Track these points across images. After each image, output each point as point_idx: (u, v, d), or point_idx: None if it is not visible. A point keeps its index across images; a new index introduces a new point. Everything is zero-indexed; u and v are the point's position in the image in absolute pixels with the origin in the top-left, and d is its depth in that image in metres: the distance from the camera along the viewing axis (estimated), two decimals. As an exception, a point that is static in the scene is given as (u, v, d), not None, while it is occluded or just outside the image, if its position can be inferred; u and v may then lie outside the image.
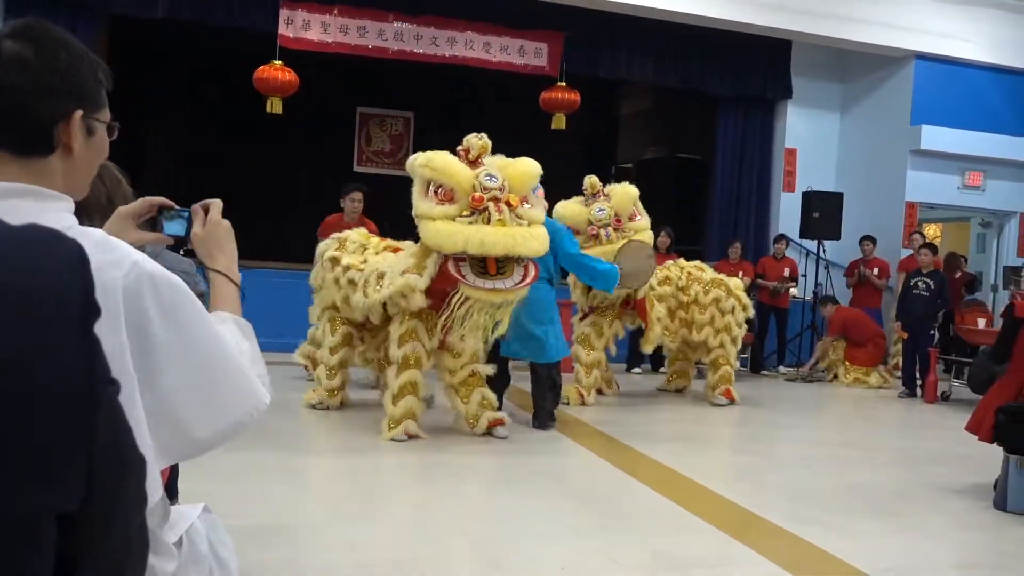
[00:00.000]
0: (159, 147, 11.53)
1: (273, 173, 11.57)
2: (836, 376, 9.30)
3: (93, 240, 1.13)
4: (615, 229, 6.46)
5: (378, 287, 5.07)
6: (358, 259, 5.58)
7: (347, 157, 12.61)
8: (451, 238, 4.59)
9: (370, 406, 5.90)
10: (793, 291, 9.91)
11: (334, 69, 10.19)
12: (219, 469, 3.71)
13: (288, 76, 8.88)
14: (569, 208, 6.59)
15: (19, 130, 1.14)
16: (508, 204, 4.69)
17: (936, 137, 10.38)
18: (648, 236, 6.70)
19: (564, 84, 9.92)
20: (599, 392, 7.09)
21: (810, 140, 11.33)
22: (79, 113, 1.17)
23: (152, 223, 1.54)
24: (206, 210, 1.53)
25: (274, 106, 9.04)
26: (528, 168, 4.97)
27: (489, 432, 5.27)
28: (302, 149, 11.56)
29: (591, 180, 6.71)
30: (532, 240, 4.73)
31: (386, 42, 9.34)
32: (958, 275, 9.65)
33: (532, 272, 4.82)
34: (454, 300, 4.77)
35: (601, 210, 6.49)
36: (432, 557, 3.16)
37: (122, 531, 0.72)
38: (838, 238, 10.08)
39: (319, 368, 5.94)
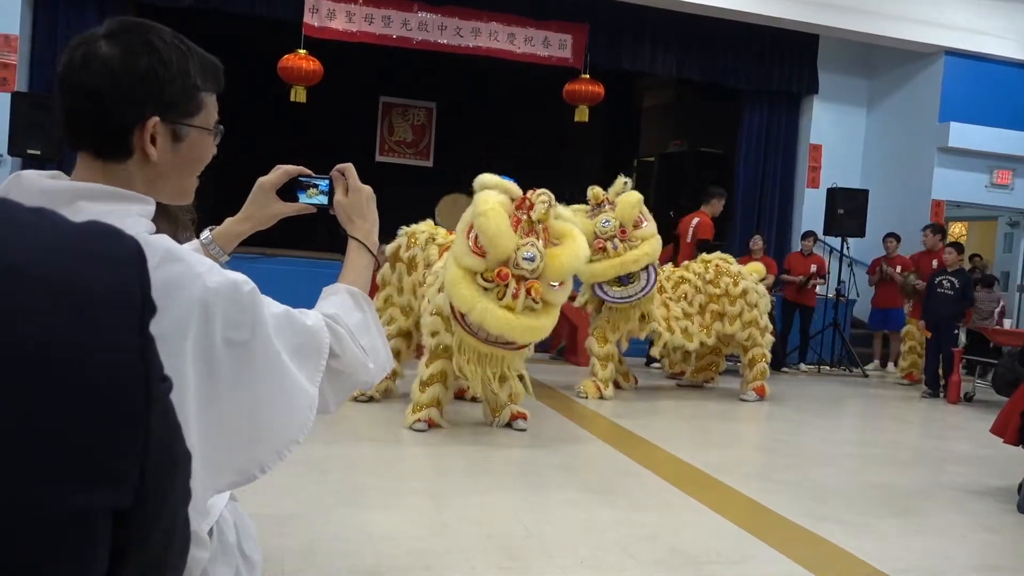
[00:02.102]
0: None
1: (296, 162, 11.60)
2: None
3: (163, 249, 1.07)
4: (621, 240, 6.38)
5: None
6: (429, 255, 5.53)
7: (370, 147, 12.65)
8: (460, 299, 4.61)
9: (396, 399, 5.92)
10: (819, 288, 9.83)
11: (357, 58, 10.21)
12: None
13: (312, 65, 8.92)
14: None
15: (98, 133, 1.13)
16: (528, 291, 4.61)
17: (964, 134, 10.25)
18: (656, 242, 6.54)
19: (588, 76, 9.88)
20: (616, 386, 7.08)
21: (836, 136, 11.23)
22: (154, 120, 1.14)
23: (290, 192, 1.49)
24: (343, 174, 1.49)
25: (298, 95, 9.09)
26: (571, 261, 4.79)
27: (509, 425, 5.30)
28: (325, 138, 11.59)
29: (594, 192, 6.58)
30: (530, 332, 4.72)
31: (410, 32, 9.35)
32: None
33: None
34: (452, 340, 4.88)
35: (607, 222, 6.39)
36: (449, 548, 3.17)
37: (167, 526, 0.73)
38: (863, 235, 9.99)
39: None
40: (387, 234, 6.02)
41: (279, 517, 3.36)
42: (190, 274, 1.07)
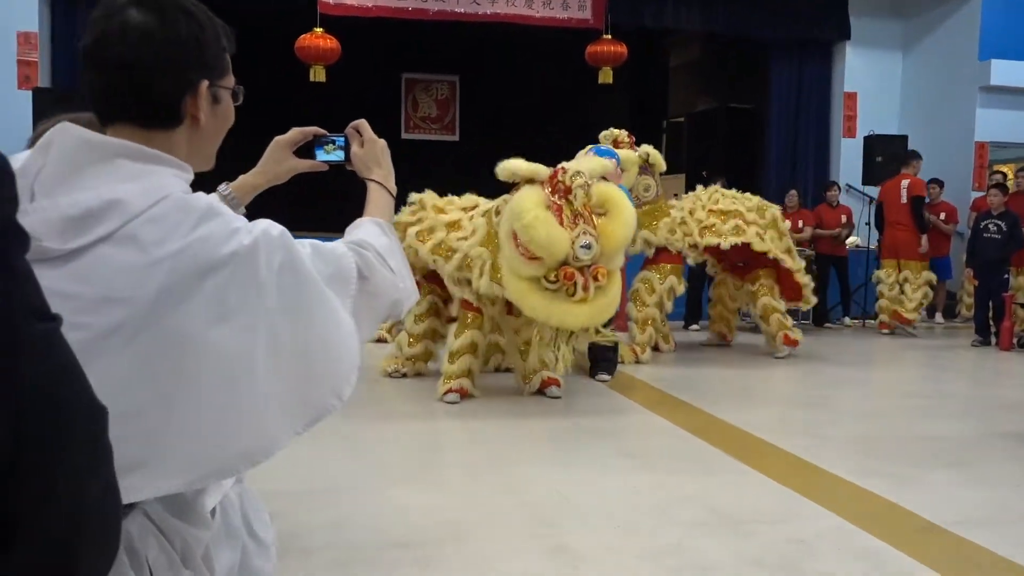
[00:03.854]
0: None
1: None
2: None
3: (204, 206, 1.07)
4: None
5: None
6: (450, 220, 5.34)
7: (395, 124, 12.55)
8: (532, 310, 4.49)
9: (429, 375, 5.86)
10: (855, 239, 9.56)
11: (377, 35, 10.08)
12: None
13: (330, 43, 8.82)
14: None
15: (145, 105, 1.10)
16: (596, 277, 4.41)
17: (1007, 71, 9.83)
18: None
19: (609, 36, 9.65)
20: (655, 348, 6.95)
21: (871, 82, 10.86)
22: (205, 83, 1.13)
23: (307, 150, 1.56)
24: (358, 131, 1.55)
25: (317, 75, 9.00)
26: (625, 231, 4.53)
27: (542, 392, 5.21)
28: (349, 118, 11.34)
29: (610, 134, 6.27)
30: (606, 312, 4.65)
31: (426, 3, 9.20)
32: None
33: None
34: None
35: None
36: (481, 518, 3.10)
37: (72, 495, 0.62)
38: (903, 183, 9.65)
39: (400, 335, 5.92)
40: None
41: (310, 492, 3.32)
42: (228, 229, 1.06)
